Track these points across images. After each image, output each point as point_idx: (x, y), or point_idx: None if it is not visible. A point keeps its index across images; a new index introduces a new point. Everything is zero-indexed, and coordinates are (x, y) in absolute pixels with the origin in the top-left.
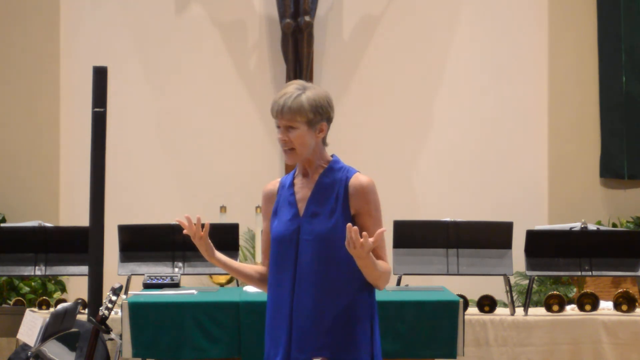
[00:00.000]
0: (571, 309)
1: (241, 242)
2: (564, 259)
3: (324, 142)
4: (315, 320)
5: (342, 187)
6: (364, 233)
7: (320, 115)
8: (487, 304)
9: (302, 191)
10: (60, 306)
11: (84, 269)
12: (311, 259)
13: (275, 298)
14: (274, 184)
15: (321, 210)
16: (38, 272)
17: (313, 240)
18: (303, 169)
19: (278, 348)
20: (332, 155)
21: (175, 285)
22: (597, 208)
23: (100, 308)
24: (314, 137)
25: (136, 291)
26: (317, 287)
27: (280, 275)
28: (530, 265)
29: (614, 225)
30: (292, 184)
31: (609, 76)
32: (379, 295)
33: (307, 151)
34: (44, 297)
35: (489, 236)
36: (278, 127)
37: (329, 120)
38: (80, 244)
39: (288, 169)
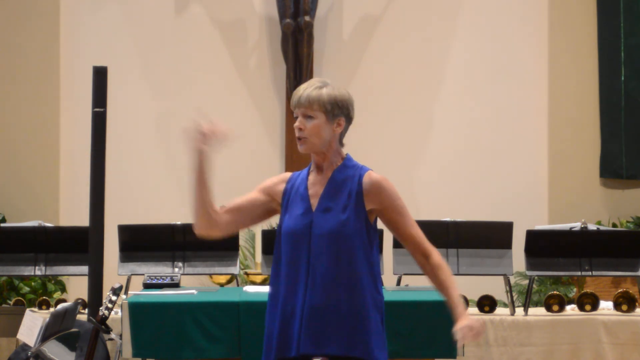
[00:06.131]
0: (571, 309)
1: (241, 242)
2: (564, 259)
3: (340, 141)
4: (330, 316)
5: (356, 184)
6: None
7: (339, 109)
8: (487, 304)
9: (315, 187)
10: (60, 306)
11: (84, 269)
12: (324, 254)
13: (286, 293)
14: (288, 175)
15: (333, 206)
16: (38, 272)
17: (325, 235)
18: (317, 164)
19: (290, 342)
20: (346, 154)
21: (175, 285)
22: (597, 208)
23: (100, 308)
24: (331, 130)
25: (136, 291)
26: (331, 283)
27: (292, 270)
28: (530, 265)
29: (614, 225)
30: (305, 179)
31: (609, 76)
32: None
33: (320, 143)
34: (44, 297)
35: (489, 236)
36: (296, 116)
37: (348, 118)
38: (80, 244)
39: (288, 169)
